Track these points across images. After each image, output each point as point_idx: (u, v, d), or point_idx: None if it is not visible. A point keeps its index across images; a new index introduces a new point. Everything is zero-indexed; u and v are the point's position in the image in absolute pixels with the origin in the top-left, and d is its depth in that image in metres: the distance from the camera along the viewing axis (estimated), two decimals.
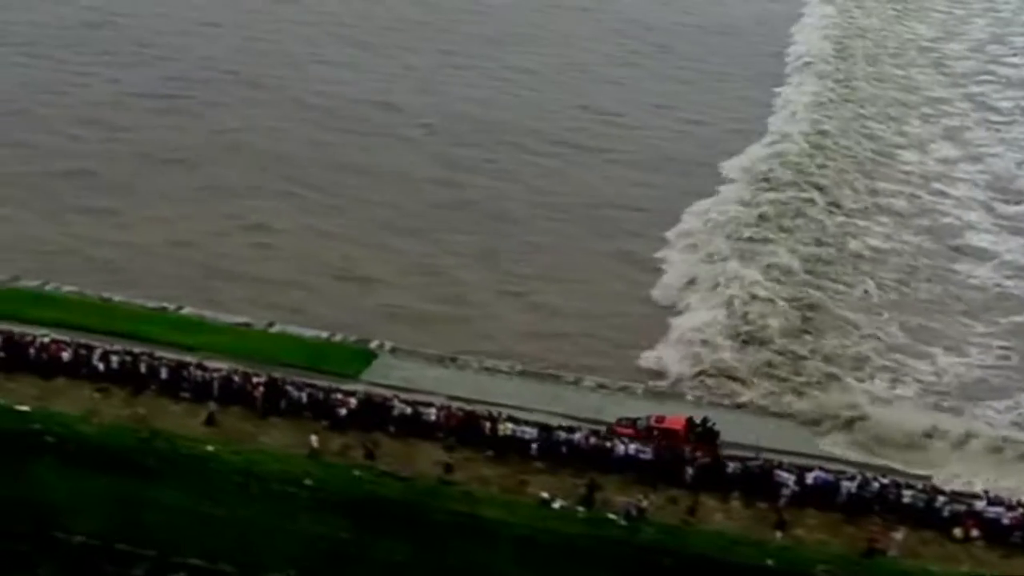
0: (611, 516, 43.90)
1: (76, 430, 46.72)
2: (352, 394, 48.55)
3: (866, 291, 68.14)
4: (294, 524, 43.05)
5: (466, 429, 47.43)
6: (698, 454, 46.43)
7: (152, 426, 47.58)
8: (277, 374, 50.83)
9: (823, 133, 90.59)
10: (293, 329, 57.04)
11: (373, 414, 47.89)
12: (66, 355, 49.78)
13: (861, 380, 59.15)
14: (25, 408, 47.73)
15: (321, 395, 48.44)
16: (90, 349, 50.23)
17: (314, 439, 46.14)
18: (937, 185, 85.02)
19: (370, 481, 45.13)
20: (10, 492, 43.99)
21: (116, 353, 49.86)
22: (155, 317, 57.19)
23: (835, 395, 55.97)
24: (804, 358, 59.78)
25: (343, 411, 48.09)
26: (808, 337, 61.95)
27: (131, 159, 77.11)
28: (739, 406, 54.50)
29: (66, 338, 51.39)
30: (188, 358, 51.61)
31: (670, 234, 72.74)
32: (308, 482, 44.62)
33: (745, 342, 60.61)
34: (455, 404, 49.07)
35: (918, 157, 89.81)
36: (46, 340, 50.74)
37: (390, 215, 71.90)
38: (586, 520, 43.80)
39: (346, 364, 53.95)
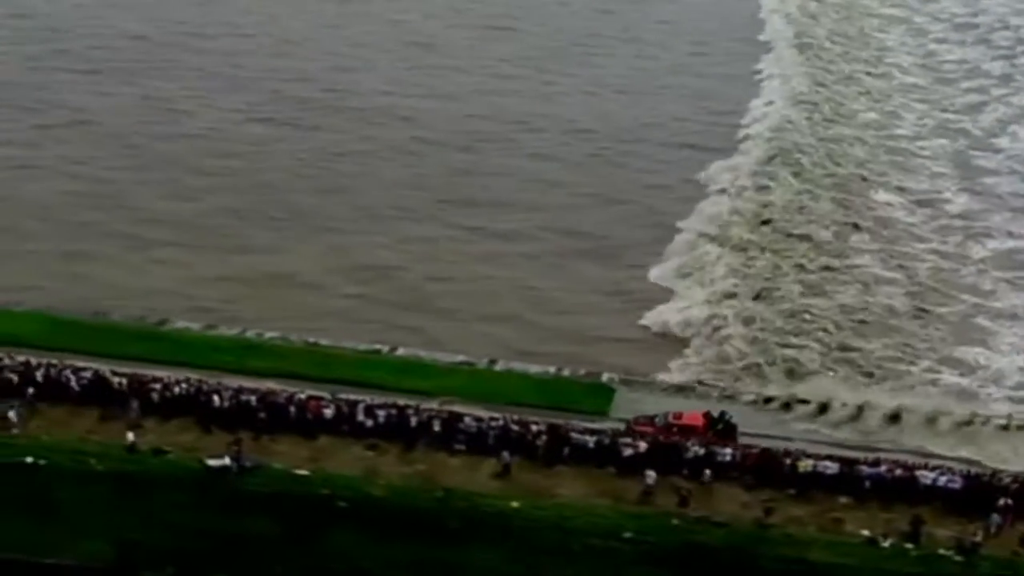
0: (943, 552, 43.00)
1: (366, 493, 44.72)
2: (643, 437, 46.99)
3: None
4: None
5: (764, 468, 46.14)
6: None
7: (439, 483, 45.54)
8: (526, 415, 49.39)
9: (898, 134, 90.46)
10: (517, 365, 55.17)
11: (664, 457, 46.33)
12: (328, 412, 47.36)
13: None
14: (305, 472, 45.47)
15: (607, 440, 46.72)
16: (351, 405, 47.84)
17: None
18: None
19: (689, 529, 43.77)
20: (317, 563, 42.13)
21: (382, 407, 47.58)
22: (373, 361, 55.16)
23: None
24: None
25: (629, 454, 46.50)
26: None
27: (264, 193, 74.37)
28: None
29: (324, 393, 48.95)
30: (439, 406, 49.78)
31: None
32: (627, 534, 43.18)
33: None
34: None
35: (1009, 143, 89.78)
36: (303, 397, 48.31)
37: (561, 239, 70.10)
38: (920, 558, 43.04)
39: (589, 401, 52.60)
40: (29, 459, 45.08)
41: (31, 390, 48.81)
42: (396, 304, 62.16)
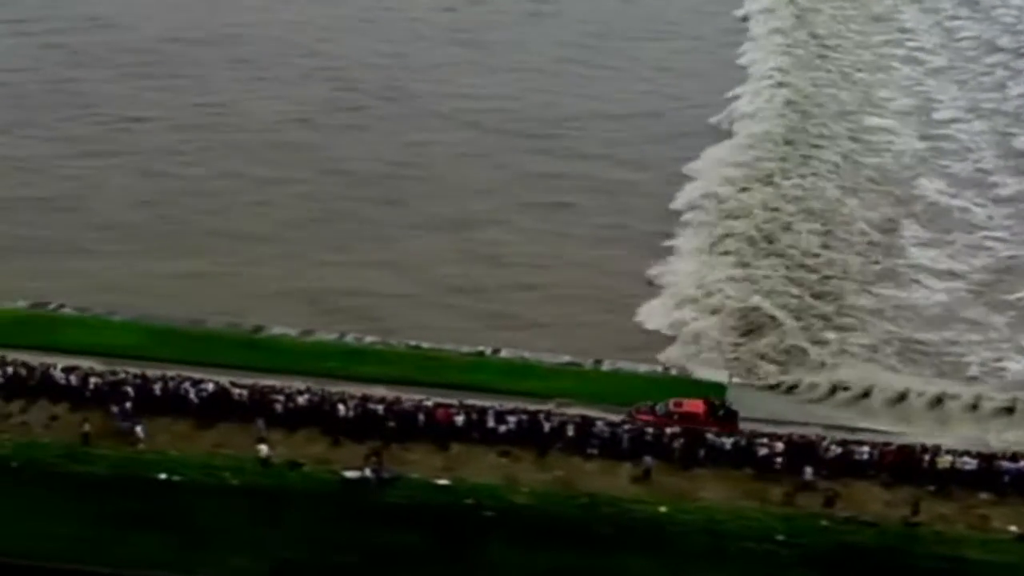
0: None
1: (510, 501, 44.01)
2: (779, 438, 46.63)
3: None
4: None
5: (903, 465, 45.95)
6: None
7: (580, 489, 44.98)
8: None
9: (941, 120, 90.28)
10: (624, 365, 54.56)
11: (800, 457, 46.02)
12: (459, 419, 46.64)
13: None
14: (445, 482, 44.71)
15: (743, 441, 46.36)
16: (480, 411, 47.13)
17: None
18: None
19: (839, 530, 43.51)
20: (468, 575, 41.49)
21: (512, 413, 46.93)
22: (478, 364, 54.26)
23: None
24: None
25: (765, 455, 46.15)
26: None
27: (333, 194, 73.15)
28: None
29: (452, 401, 48.15)
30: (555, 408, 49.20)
31: None
32: (780, 537, 42.86)
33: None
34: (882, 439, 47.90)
35: None
36: (429, 404, 47.53)
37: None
38: None
39: None
40: (163, 475, 43.98)
41: (128, 404, 47.51)
42: (478, 306, 61.47)
